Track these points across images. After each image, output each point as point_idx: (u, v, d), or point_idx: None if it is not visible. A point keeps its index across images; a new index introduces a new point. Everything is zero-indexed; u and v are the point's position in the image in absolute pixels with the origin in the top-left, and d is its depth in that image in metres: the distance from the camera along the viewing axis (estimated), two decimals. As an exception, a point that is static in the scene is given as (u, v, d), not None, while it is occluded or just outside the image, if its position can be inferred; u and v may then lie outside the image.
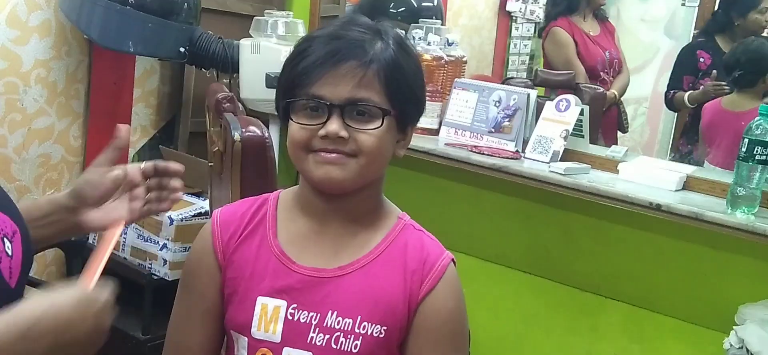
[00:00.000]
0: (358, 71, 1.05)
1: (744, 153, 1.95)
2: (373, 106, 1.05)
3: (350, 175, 1.06)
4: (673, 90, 3.45)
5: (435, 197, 2.63)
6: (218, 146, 1.93)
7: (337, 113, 1.04)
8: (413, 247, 1.13)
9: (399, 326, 1.10)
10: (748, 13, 3.38)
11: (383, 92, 1.06)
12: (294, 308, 1.09)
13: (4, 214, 0.94)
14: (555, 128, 2.33)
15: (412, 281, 1.10)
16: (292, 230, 1.14)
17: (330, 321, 1.08)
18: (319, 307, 1.09)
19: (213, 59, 2.60)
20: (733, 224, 1.93)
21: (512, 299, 2.56)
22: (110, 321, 0.95)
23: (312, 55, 1.06)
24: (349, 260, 1.11)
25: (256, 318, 1.10)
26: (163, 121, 2.98)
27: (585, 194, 2.14)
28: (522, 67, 4.68)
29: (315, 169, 1.06)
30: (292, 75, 1.08)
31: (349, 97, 1.05)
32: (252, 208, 1.17)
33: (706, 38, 3.51)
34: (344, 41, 1.07)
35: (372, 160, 1.07)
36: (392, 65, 1.07)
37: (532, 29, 4.71)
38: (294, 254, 1.11)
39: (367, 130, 1.05)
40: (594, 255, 2.39)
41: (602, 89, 3.38)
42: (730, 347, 1.89)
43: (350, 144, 1.05)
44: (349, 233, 1.12)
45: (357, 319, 1.08)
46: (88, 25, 2.41)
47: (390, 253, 1.12)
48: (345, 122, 1.05)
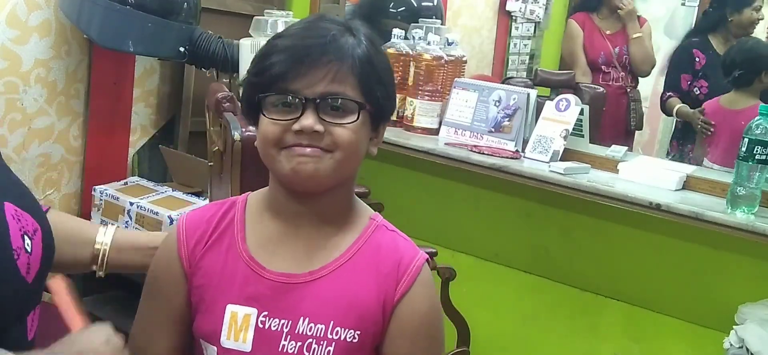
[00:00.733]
0: (332, 66, 1.03)
1: (744, 153, 1.95)
2: (349, 99, 1.04)
3: (325, 170, 1.03)
4: (670, 92, 3.46)
5: (435, 196, 2.63)
6: (218, 146, 1.93)
7: (312, 108, 1.02)
8: (386, 248, 1.11)
9: (373, 331, 1.08)
10: (743, 10, 3.39)
11: (358, 87, 1.05)
12: (265, 316, 1.06)
13: (27, 212, 0.96)
14: (555, 128, 2.33)
15: (387, 284, 1.09)
16: (261, 234, 1.11)
17: (302, 328, 1.06)
18: (290, 313, 1.06)
19: (213, 59, 2.60)
20: (733, 224, 1.93)
21: (512, 299, 2.56)
22: None
23: (284, 51, 1.04)
24: (320, 263, 1.08)
25: (225, 327, 1.07)
26: (163, 120, 2.98)
27: (585, 194, 2.14)
28: (522, 67, 4.68)
29: (287, 163, 1.04)
30: (263, 71, 1.05)
31: (324, 92, 1.03)
32: (219, 212, 1.14)
33: (699, 38, 3.52)
34: (316, 37, 1.05)
35: (348, 155, 1.05)
36: (365, 61, 1.06)
37: (532, 29, 4.71)
38: (264, 260, 1.09)
39: (344, 124, 1.04)
40: (594, 255, 2.39)
41: (602, 89, 3.39)
42: (730, 347, 1.89)
43: (326, 138, 1.03)
44: (321, 235, 1.10)
45: (329, 324, 1.06)
46: (88, 24, 2.41)
47: (362, 255, 1.10)
48: (320, 117, 1.03)
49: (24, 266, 0.92)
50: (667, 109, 3.48)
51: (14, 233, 0.92)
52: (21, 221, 0.94)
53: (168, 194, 2.61)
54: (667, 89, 3.50)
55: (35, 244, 0.95)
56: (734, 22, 3.41)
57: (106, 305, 2.66)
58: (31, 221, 0.96)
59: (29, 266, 0.93)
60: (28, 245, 0.93)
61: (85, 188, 2.73)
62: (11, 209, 0.94)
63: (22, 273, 0.92)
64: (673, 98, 3.44)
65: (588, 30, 3.71)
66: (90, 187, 2.65)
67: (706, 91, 3.37)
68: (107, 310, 2.64)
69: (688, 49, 3.52)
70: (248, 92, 1.08)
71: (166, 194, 2.60)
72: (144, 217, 2.47)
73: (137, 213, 2.49)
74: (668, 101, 3.46)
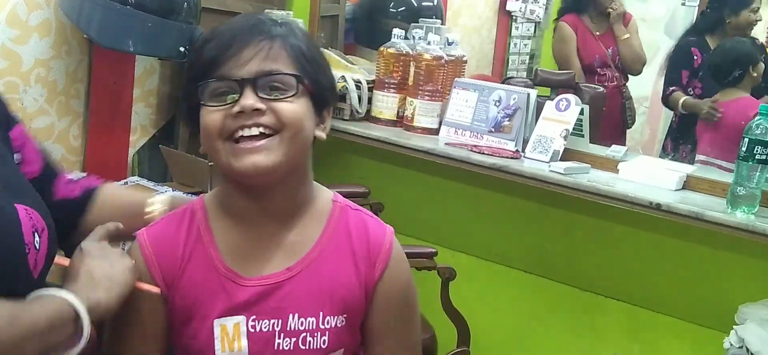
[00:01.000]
0: (263, 45, 1.03)
1: (744, 152, 1.95)
2: (285, 74, 1.03)
3: (277, 158, 1.02)
4: (673, 87, 3.45)
5: (435, 196, 2.63)
6: (218, 146, 1.93)
7: (250, 87, 1.01)
8: (356, 230, 1.12)
9: (357, 310, 1.11)
10: (741, 12, 3.39)
11: (292, 64, 1.04)
12: (254, 320, 1.07)
13: (36, 211, 1.00)
14: (555, 128, 2.33)
15: (365, 265, 1.11)
16: (230, 242, 1.09)
17: (293, 324, 1.07)
18: (278, 313, 1.07)
19: (213, 59, 2.60)
20: (733, 224, 1.93)
21: (512, 298, 2.56)
22: None
23: (213, 40, 1.04)
24: (296, 258, 1.09)
25: (217, 341, 1.07)
26: (163, 120, 2.98)
27: (585, 194, 2.14)
28: (522, 67, 4.68)
29: (237, 161, 1.02)
30: (194, 63, 1.05)
31: (258, 70, 1.02)
32: (182, 225, 1.11)
33: (697, 38, 3.52)
34: (247, 25, 1.05)
35: (296, 131, 1.03)
36: (298, 41, 1.06)
37: (532, 29, 4.71)
38: (240, 268, 1.08)
39: (284, 99, 1.02)
40: (594, 255, 2.39)
41: (601, 88, 3.39)
42: (730, 347, 1.89)
43: (268, 116, 1.01)
44: (288, 230, 1.09)
45: (319, 315, 1.07)
46: (88, 24, 2.41)
47: (335, 242, 1.11)
48: (259, 96, 1.01)
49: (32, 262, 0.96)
50: (671, 102, 3.45)
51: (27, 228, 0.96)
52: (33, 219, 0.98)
53: (168, 193, 2.60)
54: (670, 84, 3.48)
55: (42, 242, 0.99)
56: (732, 24, 3.41)
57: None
58: (40, 219, 1.00)
59: (36, 262, 0.97)
60: (37, 242, 0.97)
61: (85, 187, 2.73)
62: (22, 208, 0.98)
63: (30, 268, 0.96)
64: (677, 91, 3.42)
65: (580, 33, 3.71)
66: (90, 187, 2.65)
67: (700, 91, 3.37)
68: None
69: (686, 47, 3.52)
70: (185, 92, 1.08)
71: (167, 194, 2.60)
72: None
73: (137, 213, 2.49)
74: (672, 95, 3.43)
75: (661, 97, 3.56)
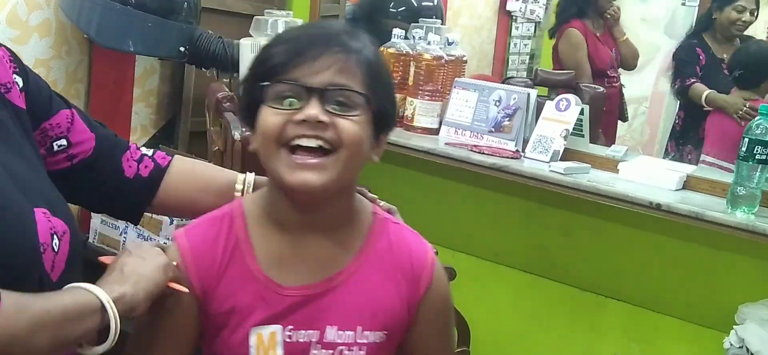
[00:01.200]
0: (339, 57, 0.99)
1: (744, 152, 1.95)
2: (355, 91, 1.00)
3: (329, 179, 0.98)
4: (693, 78, 3.40)
5: (435, 196, 2.63)
6: (218, 146, 1.93)
7: (317, 97, 0.98)
8: (398, 245, 1.11)
9: (398, 327, 1.09)
10: (724, 9, 3.40)
11: (364, 83, 1.01)
12: (290, 330, 1.05)
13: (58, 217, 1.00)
14: (555, 128, 2.33)
15: (408, 281, 1.09)
16: (270, 250, 1.07)
17: (331, 336, 1.05)
18: (316, 324, 1.05)
19: (213, 59, 2.60)
20: (733, 224, 1.93)
21: (512, 298, 2.56)
22: None
23: (287, 42, 1.01)
24: (335, 270, 1.07)
25: (252, 350, 1.05)
26: (163, 120, 2.98)
27: (585, 194, 2.14)
28: (522, 67, 4.69)
29: (289, 173, 0.99)
30: (263, 63, 1.02)
31: (330, 82, 0.98)
32: (221, 232, 1.08)
33: (697, 39, 3.53)
34: (324, 34, 1.02)
35: (352, 153, 1.00)
36: (373, 61, 1.03)
37: (532, 29, 4.71)
38: (279, 277, 1.06)
39: (349, 117, 0.99)
40: (594, 255, 2.39)
41: (602, 89, 3.39)
42: (731, 347, 1.89)
43: (330, 131, 0.98)
44: (330, 242, 1.07)
45: (357, 330, 1.06)
46: (88, 24, 2.41)
47: (375, 254, 1.09)
48: (325, 108, 0.98)
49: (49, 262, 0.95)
50: (690, 94, 3.38)
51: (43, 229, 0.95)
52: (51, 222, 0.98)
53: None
54: (687, 77, 3.43)
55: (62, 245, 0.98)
56: (718, 21, 3.43)
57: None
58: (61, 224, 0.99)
59: (54, 264, 0.97)
60: (55, 244, 0.97)
61: (85, 187, 2.73)
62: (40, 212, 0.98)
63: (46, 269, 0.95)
64: (697, 83, 3.37)
65: (589, 38, 3.73)
66: (90, 187, 2.65)
67: None
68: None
69: (692, 47, 3.53)
70: (247, 87, 1.04)
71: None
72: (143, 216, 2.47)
73: (137, 213, 2.49)
74: (693, 86, 3.37)
75: (677, 90, 3.51)
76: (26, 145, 1.06)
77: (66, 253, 0.99)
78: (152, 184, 1.23)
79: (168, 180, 1.24)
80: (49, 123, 1.14)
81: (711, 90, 3.31)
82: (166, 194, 1.24)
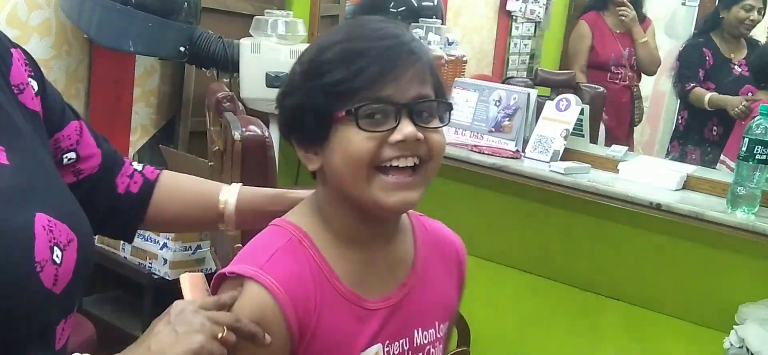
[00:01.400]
0: (418, 66, 0.94)
1: (744, 152, 1.95)
2: (441, 101, 0.96)
3: (421, 192, 0.96)
4: (692, 83, 3.40)
5: (435, 196, 2.62)
6: (218, 146, 1.93)
7: (406, 114, 0.92)
8: (437, 236, 1.15)
9: (456, 312, 1.16)
10: (732, 8, 3.39)
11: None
12: (388, 345, 1.02)
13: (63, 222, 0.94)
14: (555, 128, 2.33)
15: (457, 266, 1.15)
16: (348, 270, 1.00)
17: (418, 339, 1.06)
18: (405, 331, 1.04)
19: (213, 59, 2.60)
20: (734, 224, 1.93)
21: (512, 298, 2.56)
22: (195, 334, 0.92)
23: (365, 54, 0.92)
24: (404, 275, 1.05)
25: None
26: (163, 120, 2.98)
27: (585, 194, 2.14)
28: (522, 67, 4.68)
29: (387, 196, 0.93)
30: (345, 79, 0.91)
31: (415, 95, 0.92)
32: (305, 265, 0.97)
33: (704, 38, 3.52)
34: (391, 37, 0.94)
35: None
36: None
37: (532, 28, 4.71)
38: (364, 294, 1.01)
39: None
40: (594, 255, 2.39)
41: (602, 89, 3.39)
42: (731, 347, 1.89)
43: (423, 147, 0.93)
44: (392, 248, 1.05)
45: (436, 325, 1.09)
46: (89, 24, 2.41)
47: (427, 252, 1.11)
48: (416, 124, 0.92)
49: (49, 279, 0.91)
50: (693, 98, 3.39)
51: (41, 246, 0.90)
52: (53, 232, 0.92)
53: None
54: (688, 81, 3.43)
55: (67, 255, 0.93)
56: (726, 20, 3.42)
57: (106, 304, 2.67)
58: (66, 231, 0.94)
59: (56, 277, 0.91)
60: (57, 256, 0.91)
61: (85, 187, 2.73)
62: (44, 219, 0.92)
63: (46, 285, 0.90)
64: (698, 88, 3.38)
65: (598, 31, 3.73)
66: (90, 186, 2.65)
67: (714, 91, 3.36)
68: (107, 310, 2.64)
69: (698, 47, 3.52)
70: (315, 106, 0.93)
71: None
72: (144, 216, 2.47)
73: (137, 213, 2.49)
74: (694, 90, 3.38)
75: (678, 92, 3.51)
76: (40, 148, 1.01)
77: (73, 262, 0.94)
78: (143, 199, 1.20)
79: (157, 195, 1.21)
80: (61, 134, 1.11)
81: (712, 93, 3.31)
82: (156, 209, 1.20)
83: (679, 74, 3.54)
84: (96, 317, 2.40)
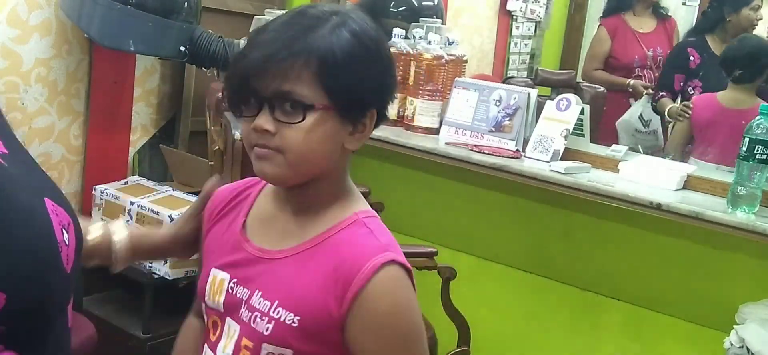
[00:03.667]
0: (286, 62, 1.01)
1: (744, 152, 1.95)
2: (296, 99, 1.02)
3: (280, 171, 1.06)
4: (662, 92, 3.46)
5: (435, 196, 2.63)
6: (219, 145, 1.93)
7: (267, 107, 1.03)
8: (348, 244, 1.08)
9: (313, 321, 1.06)
10: (741, 10, 3.39)
11: (316, 83, 1.02)
12: (234, 283, 1.13)
13: (61, 207, 1.00)
14: (555, 127, 2.33)
15: (337, 279, 1.06)
16: (259, 213, 1.18)
17: (254, 300, 1.10)
18: (250, 285, 1.12)
19: (213, 58, 2.60)
20: (734, 224, 1.93)
21: (512, 298, 2.56)
22: None
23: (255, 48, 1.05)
24: (288, 245, 1.11)
25: (208, 287, 1.16)
26: (163, 120, 2.98)
27: (585, 194, 2.14)
28: (522, 67, 4.68)
29: (254, 164, 1.08)
30: (234, 70, 1.08)
31: (275, 90, 1.02)
32: (239, 188, 1.23)
33: (696, 37, 3.52)
34: (284, 31, 1.04)
35: (298, 157, 1.04)
36: (332, 55, 1.02)
37: (532, 28, 4.71)
38: (252, 234, 1.15)
39: (292, 125, 1.03)
40: (594, 254, 2.39)
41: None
42: (731, 347, 1.89)
43: (276, 139, 1.04)
44: (298, 221, 1.12)
45: (274, 303, 1.08)
46: (89, 24, 2.41)
47: (325, 246, 1.09)
48: (274, 116, 1.03)
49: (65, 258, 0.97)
50: (659, 108, 3.47)
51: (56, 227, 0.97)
52: (59, 215, 0.99)
53: (168, 193, 2.61)
54: (660, 89, 3.50)
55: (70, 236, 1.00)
56: (732, 23, 3.41)
57: (106, 304, 2.67)
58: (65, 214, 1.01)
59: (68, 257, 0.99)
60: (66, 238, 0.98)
61: (85, 187, 2.73)
62: (50, 204, 0.98)
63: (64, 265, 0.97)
64: (665, 98, 3.44)
65: (620, 33, 3.73)
66: (90, 186, 2.66)
67: (701, 90, 3.37)
68: (107, 309, 2.64)
69: (683, 48, 3.53)
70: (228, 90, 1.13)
71: (167, 194, 2.60)
72: (145, 216, 2.47)
73: (138, 212, 2.49)
74: (660, 101, 3.46)
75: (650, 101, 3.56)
76: None
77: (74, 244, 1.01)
78: None
79: None
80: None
81: (673, 104, 3.38)
82: None
83: (658, 82, 3.57)
84: (96, 317, 2.40)
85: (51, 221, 0.96)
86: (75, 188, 2.74)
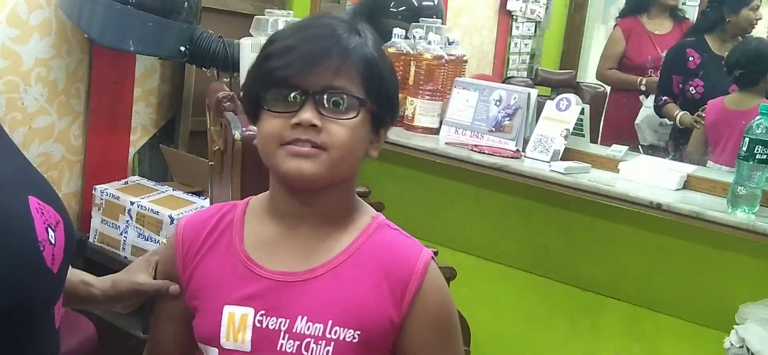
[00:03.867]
0: (336, 60, 1.02)
1: (745, 152, 1.95)
2: (350, 95, 1.02)
3: (321, 170, 1.02)
4: (665, 97, 3.45)
5: (435, 196, 2.63)
6: (219, 145, 1.93)
7: (312, 102, 1.01)
8: (389, 246, 1.09)
9: (376, 332, 1.06)
10: (741, 10, 3.39)
11: (361, 84, 1.03)
12: (262, 315, 1.05)
13: (49, 205, 0.99)
14: (555, 127, 2.33)
15: (392, 284, 1.06)
16: (260, 236, 1.10)
17: (299, 327, 1.04)
18: (287, 312, 1.05)
19: (213, 58, 2.60)
20: (734, 224, 1.93)
21: (512, 298, 2.56)
22: None
23: (287, 48, 1.03)
24: (319, 262, 1.07)
25: (223, 328, 1.06)
26: (163, 120, 2.99)
27: (585, 194, 2.13)
28: (522, 67, 4.68)
29: (285, 162, 1.02)
30: (264, 68, 1.04)
31: (325, 85, 1.01)
32: (216, 215, 1.14)
33: (695, 37, 3.51)
34: (320, 34, 1.04)
35: (343, 154, 1.03)
36: (370, 60, 1.05)
37: (532, 28, 4.70)
38: (262, 259, 1.08)
39: (341, 120, 1.02)
40: (594, 254, 2.39)
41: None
42: (731, 347, 1.89)
43: (322, 135, 1.01)
44: (320, 235, 1.08)
45: (328, 324, 1.04)
46: (89, 24, 2.42)
47: (364, 254, 1.08)
48: (319, 112, 1.01)
49: (49, 258, 0.96)
50: (666, 114, 3.45)
51: (39, 226, 0.95)
52: (44, 214, 0.98)
53: (168, 193, 2.61)
54: (662, 94, 3.48)
55: (58, 235, 0.99)
56: (732, 23, 3.40)
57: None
58: (53, 213, 0.99)
59: (54, 257, 0.97)
60: (52, 237, 0.97)
61: (85, 187, 2.73)
62: (35, 202, 0.97)
63: (48, 265, 0.96)
64: (670, 104, 3.43)
65: (636, 34, 3.72)
66: (90, 186, 2.66)
67: (703, 90, 3.36)
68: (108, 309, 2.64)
69: (681, 49, 3.52)
70: (249, 89, 1.07)
71: (167, 194, 2.60)
72: (144, 216, 2.47)
73: (138, 212, 2.49)
74: (665, 107, 3.44)
75: (653, 106, 3.55)
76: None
77: (62, 243, 0.99)
78: None
79: None
80: None
81: (683, 112, 3.34)
82: None
83: (658, 86, 3.56)
84: (96, 317, 2.39)
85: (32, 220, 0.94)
86: (75, 188, 2.74)
